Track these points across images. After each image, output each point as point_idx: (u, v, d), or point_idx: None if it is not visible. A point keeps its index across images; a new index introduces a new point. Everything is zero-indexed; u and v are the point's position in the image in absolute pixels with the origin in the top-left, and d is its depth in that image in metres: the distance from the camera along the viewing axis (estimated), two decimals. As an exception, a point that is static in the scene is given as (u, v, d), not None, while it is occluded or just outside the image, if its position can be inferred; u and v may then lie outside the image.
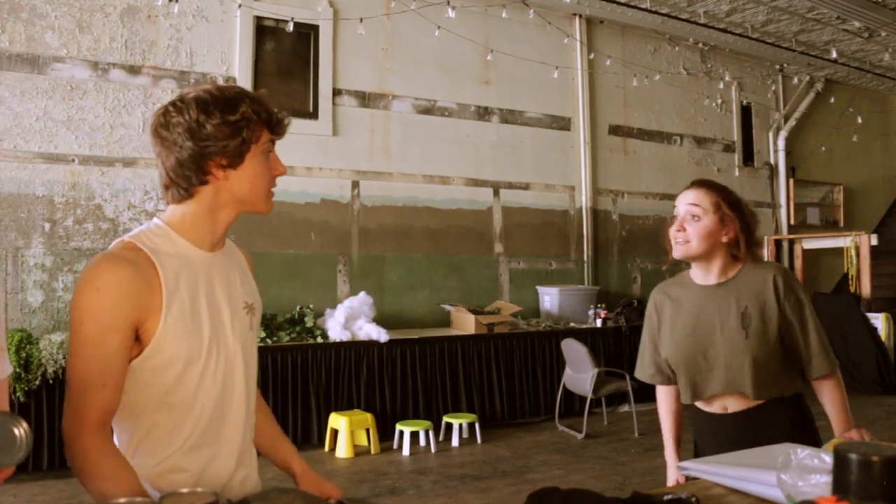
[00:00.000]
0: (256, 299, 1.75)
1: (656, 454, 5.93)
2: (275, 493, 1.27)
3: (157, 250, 1.53)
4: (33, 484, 5.10)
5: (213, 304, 1.59)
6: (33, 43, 6.11)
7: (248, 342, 1.69)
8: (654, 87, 9.06)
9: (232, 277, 1.67)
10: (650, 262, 9.09)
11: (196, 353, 1.53)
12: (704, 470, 1.77)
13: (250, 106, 1.50)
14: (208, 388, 1.58)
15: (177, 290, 1.52)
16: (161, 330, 1.48)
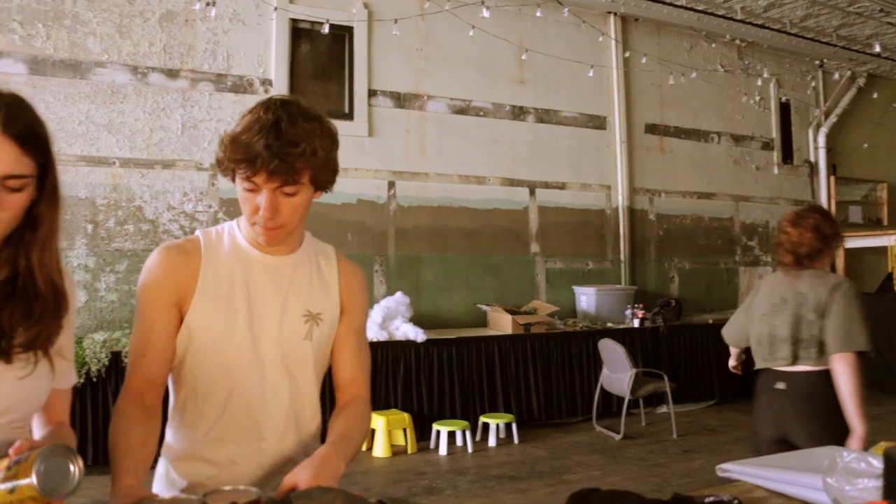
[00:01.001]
0: (329, 310, 1.73)
1: (695, 456, 5.89)
2: (317, 491, 1.28)
3: (213, 245, 1.67)
4: (77, 480, 5.18)
5: (256, 306, 1.64)
6: (76, 49, 6.23)
7: (300, 352, 1.68)
8: (691, 85, 8.97)
9: (298, 283, 1.69)
10: (688, 261, 9.00)
11: (222, 346, 1.61)
12: (746, 472, 1.75)
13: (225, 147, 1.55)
14: (237, 386, 1.62)
15: (215, 283, 1.63)
16: (189, 317, 1.61)
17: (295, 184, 1.52)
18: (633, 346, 7.18)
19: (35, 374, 1.40)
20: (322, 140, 1.54)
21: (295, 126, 1.50)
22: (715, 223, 9.28)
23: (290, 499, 1.23)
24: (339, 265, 1.80)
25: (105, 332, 5.88)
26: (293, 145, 1.48)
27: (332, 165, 1.60)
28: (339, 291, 1.76)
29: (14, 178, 1.30)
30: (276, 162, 1.47)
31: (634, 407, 7.00)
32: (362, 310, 1.83)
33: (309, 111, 1.57)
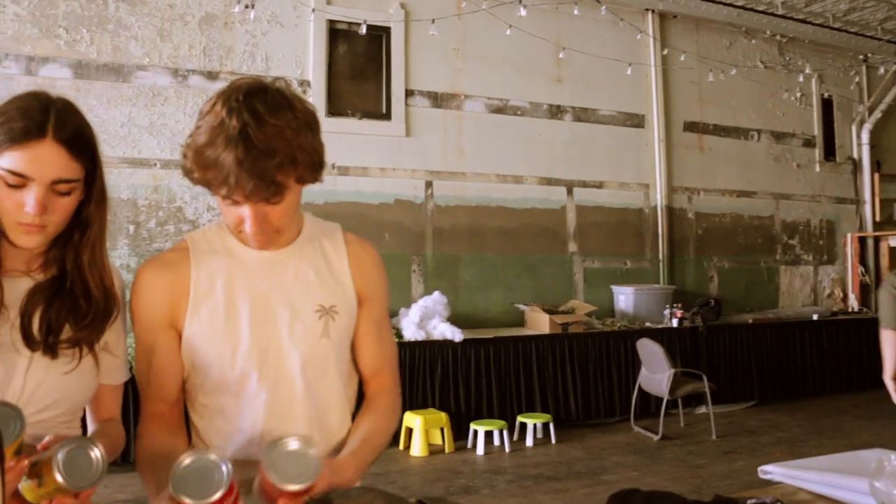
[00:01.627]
0: (344, 301, 1.56)
1: (735, 457, 5.82)
2: (356, 491, 1.29)
3: (202, 249, 1.52)
4: (122, 475, 5.25)
5: (260, 307, 1.49)
6: (118, 53, 6.33)
7: (318, 350, 1.52)
8: (731, 82, 8.86)
9: (304, 276, 1.53)
10: (727, 260, 8.90)
11: (225, 360, 1.47)
12: (789, 474, 1.73)
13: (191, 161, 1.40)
14: (249, 403, 1.48)
15: (210, 291, 1.49)
16: (187, 332, 1.49)
17: (282, 195, 1.36)
18: (672, 346, 7.11)
19: (80, 370, 1.43)
20: (300, 135, 1.35)
21: (265, 128, 1.30)
22: (755, 222, 9.16)
23: (330, 498, 1.23)
24: (347, 247, 1.61)
25: (147, 330, 5.97)
26: (269, 156, 1.30)
27: (318, 158, 1.41)
28: (351, 278, 1.58)
29: (63, 183, 1.34)
30: (254, 182, 1.30)
31: (673, 407, 6.94)
32: (381, 295, 1.64)
33: (277, 101, 1.35)
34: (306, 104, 1.42)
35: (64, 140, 1.33)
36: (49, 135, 1.31)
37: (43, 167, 1.31)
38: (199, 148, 1.34)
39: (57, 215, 1.36)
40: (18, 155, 1.30)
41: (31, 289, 1.42)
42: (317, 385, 1.51)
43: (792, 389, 7.90)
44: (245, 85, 1.36)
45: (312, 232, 1.59)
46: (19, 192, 1.32)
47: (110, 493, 4.94)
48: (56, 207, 1.35)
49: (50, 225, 1.36)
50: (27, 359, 1.38)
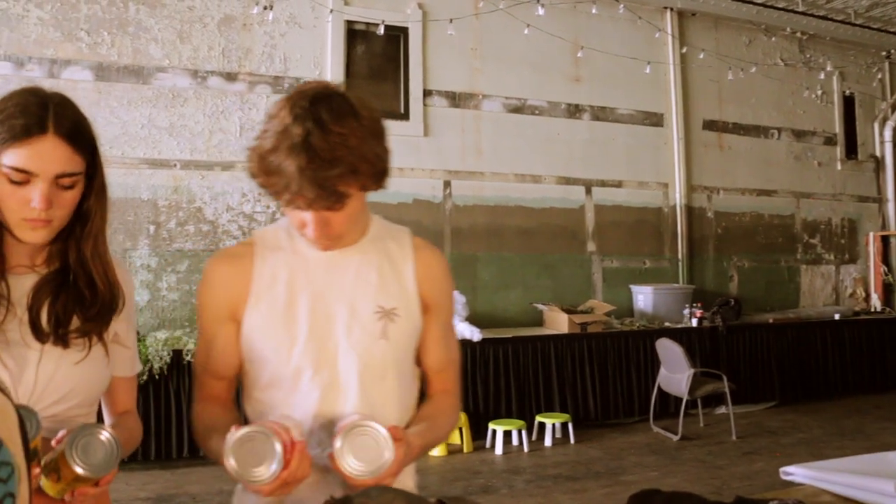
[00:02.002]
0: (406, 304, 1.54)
1: (756, 458, 5.79)
2: (376, 491, 1.29)
3: (268, 245, 1.53)
4: (143, 473, 5.34)
5: (319, 305, 1.48)
6: (138, 55, 6.38)
7: (376, 352, 1.49)
8: (750, 80, 8.80)
9: (366, 276, 1.52)
10: (747, 260, 8.84)
11: (281, 355, 1.47)
12: (812, 476, 1.71)
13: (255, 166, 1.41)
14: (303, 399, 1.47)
15: (272, 286, 1.49)
16: (246, 325, 1.49)
17: (344, 205, 1.36)
18: (692, 346, 7.08)
19: (91, 358, 1.44)
20: (363, 143, 1.33)
21: (329, 137, 1.29)
22: (775, 220, 9.09)
23: (350, 498, 1.24)
24: (414, 252, 1.59)
25: (167, 330, 6.01)
26: (331, 165, 1.29)
27: (382, 166, 1.39)
28: (416, 283, 1.56)
29: (67, 177, 1.36)
30: (315, 191, 1.30)
31: (692, 407, 6.90)
32: (447, 303, 1.63)
33: (342, 108, 1.34)
34: (372, 111, 1.40)
35: (65, 134, 1.34)
36: (50, 130, 1.33)
37: (46, 162, 1.32)
38: (263, 153, 1.34)
39: (62, 209, 1.38)
40: (21, 151, 1.31)
41: (36, 283, 1.44)
42: (372, 388, 1.48)
43: (813, 390, 7.83)
44: (311, 91, 1.36)
45: (379, 233, 1.58)
46: (24, 189, 1.33)
47: (132, 491, 4.99)
48: (60, 202, 1.37)
49: (55, 219, 1.38)
50: (38, 352, 1.40)
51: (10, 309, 1.40)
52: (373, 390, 1.48)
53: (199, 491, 5.00)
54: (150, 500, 4.84)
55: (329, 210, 1.35)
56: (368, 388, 1.48)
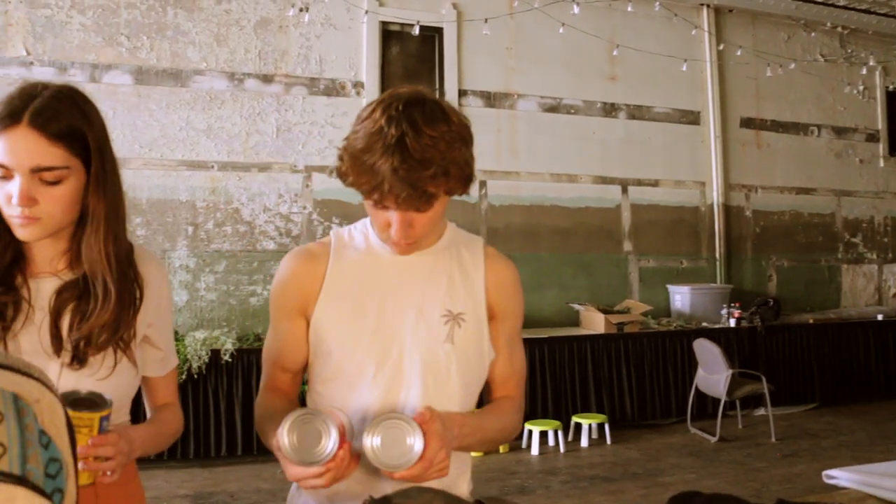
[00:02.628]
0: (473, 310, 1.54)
1: (796, 461, 5.70)
2: (415, 490, 1.30)
3: (344, 245, 1.57)
4: (181, 471, 5.41)
5: (388, 305, 1.51)
6: (177, 58, 6.47)
7: (440, 354, 1.50)
8: (789, 77, 8.67)
9: (436, 280, 1.54)
10: (786, 259, 8.72)
11: (347, 351, 1.49)
12: (856, 479, 1.68)
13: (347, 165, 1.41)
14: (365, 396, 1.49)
15: (343, 285, 1.52)
16: (314, 319, 1.52)
17: (432, 205, 1.38)
18: (730, 347, 6.99)
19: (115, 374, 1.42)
20: (454, 148, 1.36)
21: (422, 139, 1.31)
22: (815, 219, 8.95)
23: (390, 498, 1.25)
24: (486, 260, 1.59)
25: (205, 330, 6.08)
26: (423, 166, 1.31)
27: (469, 171, 1.42)
28: (485, 290, 1.57)
29: (46, 171, 1.30)
30: (407, 191, 1.32)
31: (731, 409, 6.82)
32: (515, 314, 1.63)
33: (435, 113, 1.36)
34: (461, 117, 1.43)
35: (40, 125, 1.28)
36: (24, 121, 1.27)
37: (19, 155, 1.27)
38: (355, 153, 1.36)
39: (50, 206, 1.32)
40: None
41: (57, 288, 1.40)
42: (434, 389, 1.49)
43: (855, 392, 7.69)
44: (405, 95, 1.38)
45: (453, 240, 1.60)
46: (7, 184, 1.30)
47: (171, 489, 5.06)
48: (46, 198, 1.31)
49: (44, 216, 1.32)
50: (57, 366, 1.36)
51: (30, 315, 1.37)
52: (434, 392, 1.49)
53: (237, 489, 5.05)
54: (188, 498, 4.90)
55: (416, 210, 1.38)
56: (430, 390, 1.49)
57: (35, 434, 0.75)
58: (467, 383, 1.54)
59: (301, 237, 6.63)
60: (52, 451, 0.77)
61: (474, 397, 1.59)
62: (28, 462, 0.73)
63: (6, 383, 0.76)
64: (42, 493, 0.73)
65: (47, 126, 1.29)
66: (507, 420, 1.60)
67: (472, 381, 1.57)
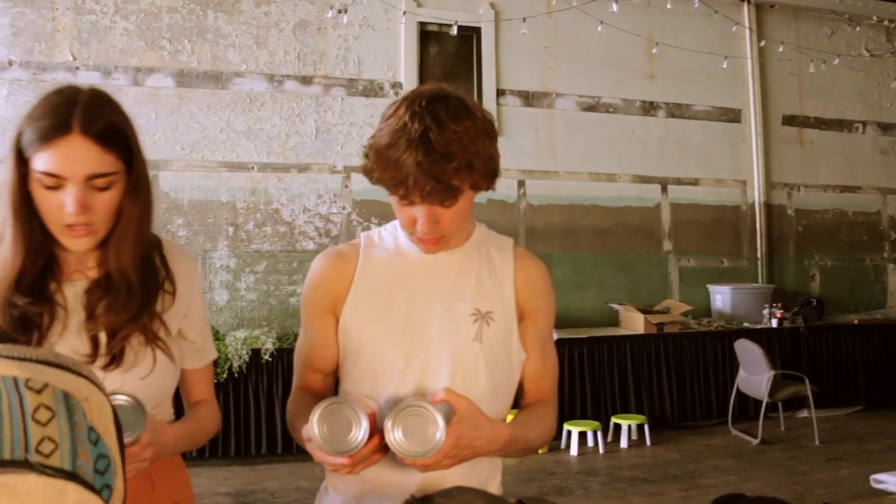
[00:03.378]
0: (501, 309, 1.54)
1: (841, 464, 5.60)
2: (456, 490, 1.30)
3: (373, 245, 1.59)
4: (223, 469, 5.48)
5: (416, 304, 1.51)
6: (217, 61, 6.55)
7: (468, 353, 1.49)
8: (833, 72, 8.52)
9: (465, 279, 1.54)
10: (830, 258, 8.57)
11: (375, 351, 1.50)
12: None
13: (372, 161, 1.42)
14: (393, 393, 1.49)
15: (372, 285, 1.53)
16: (343, 319, 1.53)
17: (457, 199, 1.39)
18: (772, 347, 6.90)
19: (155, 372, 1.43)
20: (478, 142, 1.38)
21: (445, 133, 1.33)
22: (860, 218, 8.79)
23: (431, 497, 1.25)
24: (515, 260, 1.60)
25: (246, 329, 6.16)
26: (447, 160, 1.33)
27: (493, 165, 1.44)
28: (514, 289, 1.56)
29: (99, 178, 1.30)
30: (431, 184, 1.34)
31: (772, 410, 6.72)
32: (546, 314, 1.62)
33: (458, 108, 1.38)
34: (485, 113, 1.45)
35: (92, 133, 1.28)
36: (76, 129, 1.26)
37: (74, 164, 1.27)
38: (380, 149, 1.38)
39: (101, 213, 1.33)
40: (49, 155, 1.26)
41: (87, 289, 1.41)
42: (463, 388, 1.45)
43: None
44: (428, 92, 1.41)
45: (482, 240, 1.61)
46: (58, 194, 1.28)
47: (212, 486, 5.12)
48: (97, 205, 1.32)
49: (96, 224, 1.34)
50: (99, 368, 1.37)
51: (67, 321, 1.38)
52: (463, 391, 1.45)
53: (277, 487, 5.11)
54: (229, 496, 4.96)
55: (441, 205, 1.39)
56: (458, 388, 1.45)
57: (84, 431, 0.77)
58: (497, 383, 1.53)
59: (340, 237, 6.68)
60: (101, 447, 0.78)
61: (505, 397, 1.58)
62: (78, 458, 0.75)
63: (56, 381, 0.78)
64: (92, 489, 0.75)
65: (98, 133, 1.29)
66: (546, 426, 1.58)
67: (502, 380, 1.55)
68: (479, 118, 1.41)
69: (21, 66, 6.15)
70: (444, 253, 1.54)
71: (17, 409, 0.74)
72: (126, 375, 1.39)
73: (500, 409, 1.56)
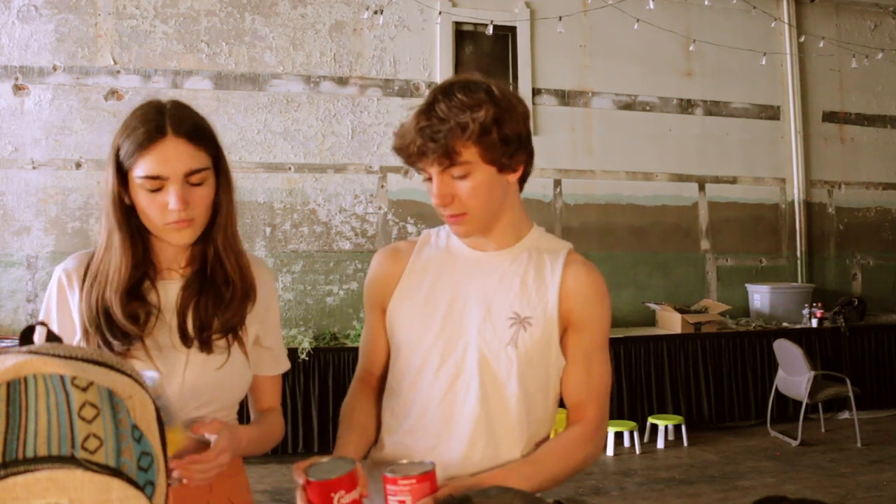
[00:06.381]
0: (541, 315, 1.50)
1: (884, 467, 5.51)
2: (494, 490, 1.30)
3: (427, 243, 1.64)
4: (260, 467, 5.53)
5: (458, 303, 1.52)
6: (254, 63, 6.62)
7: (502, 359, 1.48)
8: (875, 67, 8.35)
9: (508, 282, 1.53)
10: (872, 257, 8.42)
11: (414, 346, 1.53)
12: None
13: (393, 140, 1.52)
14: (426, 389, 1.52)
15: (418, 281, 1.58)
16: (389, 313, 1.59)
17: (458, 164, 1.40)
18: (812, 348, 6.79)
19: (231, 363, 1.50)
20: (484, 110, 1.38)
21: (451, 101, 1.39)
22: (904, 215, 8.62)
23: (469, 496, 1.25)
24: (566, 267, 1.54)
25: (283, 329, 6.21)
26: (442, 122, 1.37)
27: (503, 136, 1.42)
28: (558, 296, 1.51)
29: (195, 174, 1.42)
30: (427, 143, 1.38)
31: (812, 412, 6.63)
32: (595, 326, 1.55)
33: (475, 83, 1.43)
34: (513, 98, 1.48)
35: (184, 132, 1.40)
36: (169, 131, 1.39)
37: (172, 163, 1.39)
38: (403, 125, 1.46)
39: (199, 207, 1.44)
40: (148, 159, 1.38)
41: (181, 287, 1.51)
42: (492, 391, 1.47)
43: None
44: (458, 77, 1.49)
45: (535, 243, 1.59)
46: (160, 195, 1.40)
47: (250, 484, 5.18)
48: (195, 200, 1.43)
49: (196, 217, 1.44)
50: (185, 356, 1.46)
51: (161, 316, 1.47)
52: (493, 394, 1.48)
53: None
54: (266, 493, 5.01)
55: (447, 172, 1.42)
56: (488, 392, 1.48)
57: (128, 428, 0.79)
58: (530, 390, 1.51)
59: (376, 238, 6.72)
60: (145, 445, 0.81)
61: (543, 404, 1.55)
62: (122, 455, 0.77)
63: (101, 379, 0.81)
64: (135, 485, 0.77)
65: (188, 132, 1.41)
66: (572, 460, 1.52)
67: (537, 387, 1.53)
68: (498, 95, 1.43)
69: (64, 70, 6.27)
70: (491, 253, 1.55)
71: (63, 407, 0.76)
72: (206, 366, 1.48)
73: (538, 417, 1.55)
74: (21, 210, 6.17)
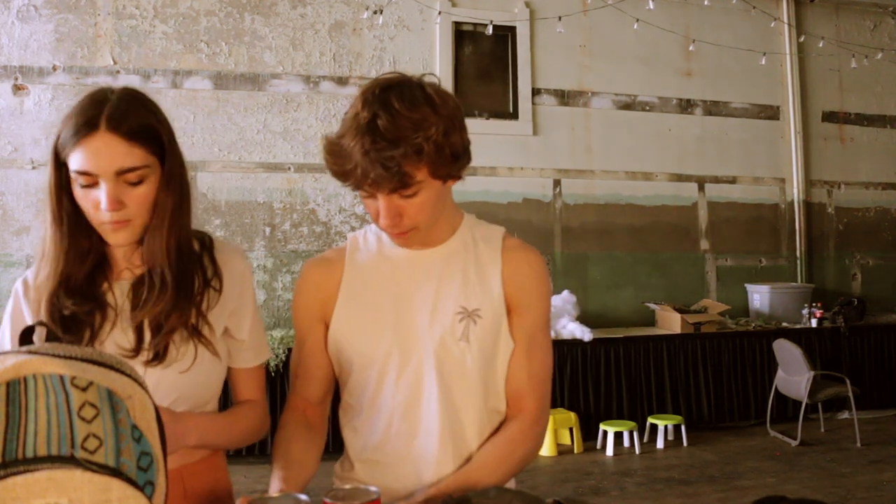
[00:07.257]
0: (488, 305, 1.47)
1: (884, 467, 5.50)
2: (494, 491, 1.29)
3: (358, 248, 1.56)
4: (260, 467, 5.52)
5: (402, 307, 1.47)
6: (254, 63, 6.62)
7: (455, 353, 1.45)
8: (875, 67, 8.36)
9: (450, 277, 1.48)
10: (872, 257, 8.42)
11: (366, 356, 1.47)
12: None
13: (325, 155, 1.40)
14: (388, 401, 1.47)
15: (358, 289, 1.50)
16: (332, 328, 1.50)
17: (409, 186, 1.32)
18: (811, 348, 6.79)
19: (197, 365, 1.42)
20: (432, 126, 1.30)
21: (396, 120, 1.28)
22: (904, 216, 8.63)
23: (468, 498, 1.25)
24: (504, 253, 1.50)
25: (282, 329, 6.22)
26: (393, 146, 1.27)
27: (454, 151, 1.35)
28: (501, 282, 1.48)
29: (129, 172, 1.31)
30: (378, 171, 1.28)
31: (812, 412, 6.63)
32: (536, 308, 1.50)
33: (414, 94, 1.33)
34: (449, 99, 1.38)
35: (118, 128, 1.30)
36: (101, 126, 1.29)
37: (102, 160, 1.29)
38: (333, 139, 1.36)
39: (136, 207, 1.34)
40: (79, 153, 1.29)
41: (130, 287, 1.42)
42: (452, 390, 1.45)
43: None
44: (384, 80, 1.37)
45: (469, 233, 1.53)
46: (94, 192, 1.31)
47: (250, 484, 5.17)
48: (132, 199, 1.33)
49: (134, 218, 1.35)
50: (140, 364, 1.37)
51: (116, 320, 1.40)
52: (454, 393, 1.45)
53: (313, 485, 5.10)
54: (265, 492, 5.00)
55: (396, 193, 1.34)
56: (449, 391, 1.45)
57: (128, 428, 0.79)
58: (489, 381, 1.49)
59: (375, 237, 6.71)
60: (144, 445, 0.80)
61: (500, 393, 1.51)
62: (122, 455, 0.77)
63: (101, 379, 0.80)
64: (135, 485, 0.77)
65: (123, 127, 1.30)
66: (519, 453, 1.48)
67: (496, 378, 1.50)
68: (440, 104, 1.34)
69: (64, 70, 6.27)
70: (427, 251, 1.50)
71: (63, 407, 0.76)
72: (166, 371, 1.39)
73: (494, 407, 1.51)
74: (21, 210, 6.17)
